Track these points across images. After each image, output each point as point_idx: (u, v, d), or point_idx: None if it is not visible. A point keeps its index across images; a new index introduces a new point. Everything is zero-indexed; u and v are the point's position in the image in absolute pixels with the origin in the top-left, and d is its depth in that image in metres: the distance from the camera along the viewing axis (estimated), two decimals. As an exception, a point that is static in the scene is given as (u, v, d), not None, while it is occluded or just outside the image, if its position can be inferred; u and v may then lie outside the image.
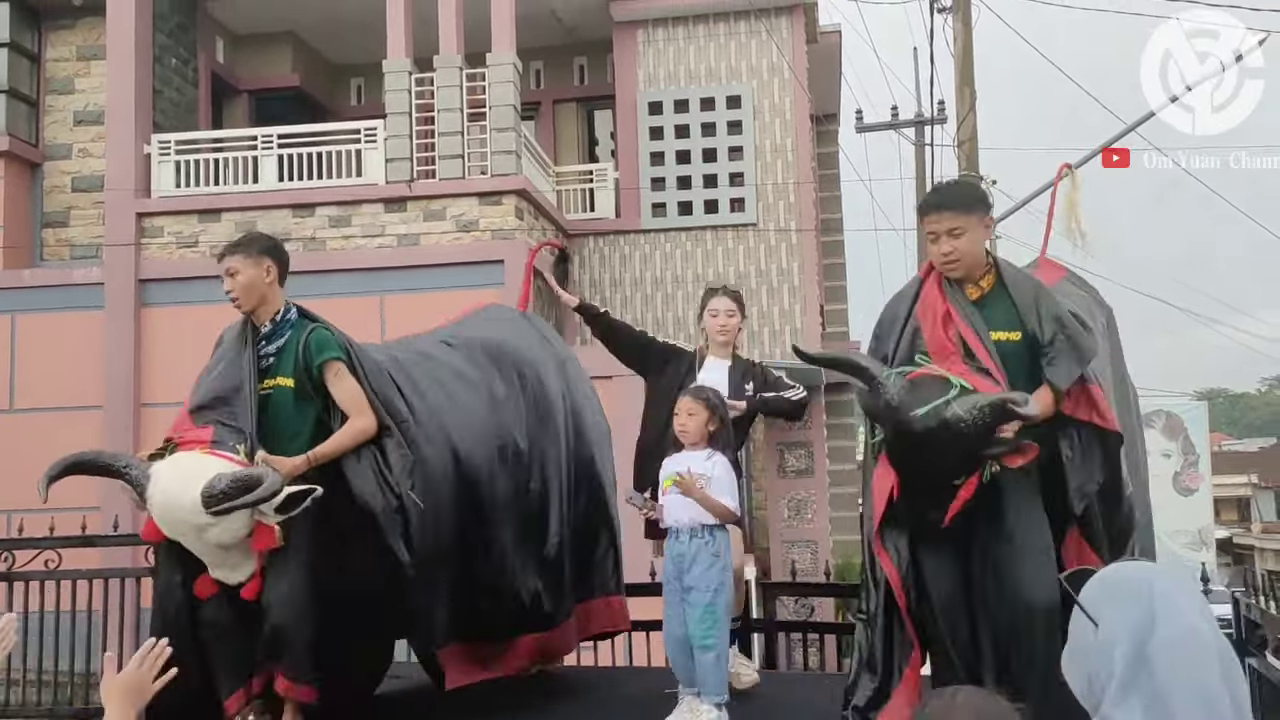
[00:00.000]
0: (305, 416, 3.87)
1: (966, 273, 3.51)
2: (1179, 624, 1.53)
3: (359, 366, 3.93)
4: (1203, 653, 1.53)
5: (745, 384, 4.64)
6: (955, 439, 3.10)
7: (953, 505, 3.22)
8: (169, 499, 3.50)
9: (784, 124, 13.56)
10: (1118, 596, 1.57)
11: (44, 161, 12.99)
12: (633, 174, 13.64)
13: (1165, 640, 1.51)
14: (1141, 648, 1.52)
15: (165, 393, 11.08)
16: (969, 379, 3.23)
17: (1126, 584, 1.58)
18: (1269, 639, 4.65)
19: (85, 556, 6.91)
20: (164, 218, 11.96)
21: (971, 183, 3.62)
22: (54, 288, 11.98)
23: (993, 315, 3.45)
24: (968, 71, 12.24)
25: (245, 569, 3.67)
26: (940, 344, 3.41)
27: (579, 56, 15.35)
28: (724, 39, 13.74)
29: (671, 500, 4.11)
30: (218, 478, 3.42)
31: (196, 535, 3.54)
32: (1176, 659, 1.51)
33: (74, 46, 13.13)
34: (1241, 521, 42.43)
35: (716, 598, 4.01)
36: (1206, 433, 21.92)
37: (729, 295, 4.79)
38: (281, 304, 3.98)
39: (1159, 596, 1.55)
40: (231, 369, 3.90)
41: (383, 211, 11.68)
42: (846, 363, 3.49)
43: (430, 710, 4.77)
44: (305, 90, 15.04)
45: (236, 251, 3.96)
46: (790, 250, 13.29)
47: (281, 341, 3.91)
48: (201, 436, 3.69)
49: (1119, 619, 1.55)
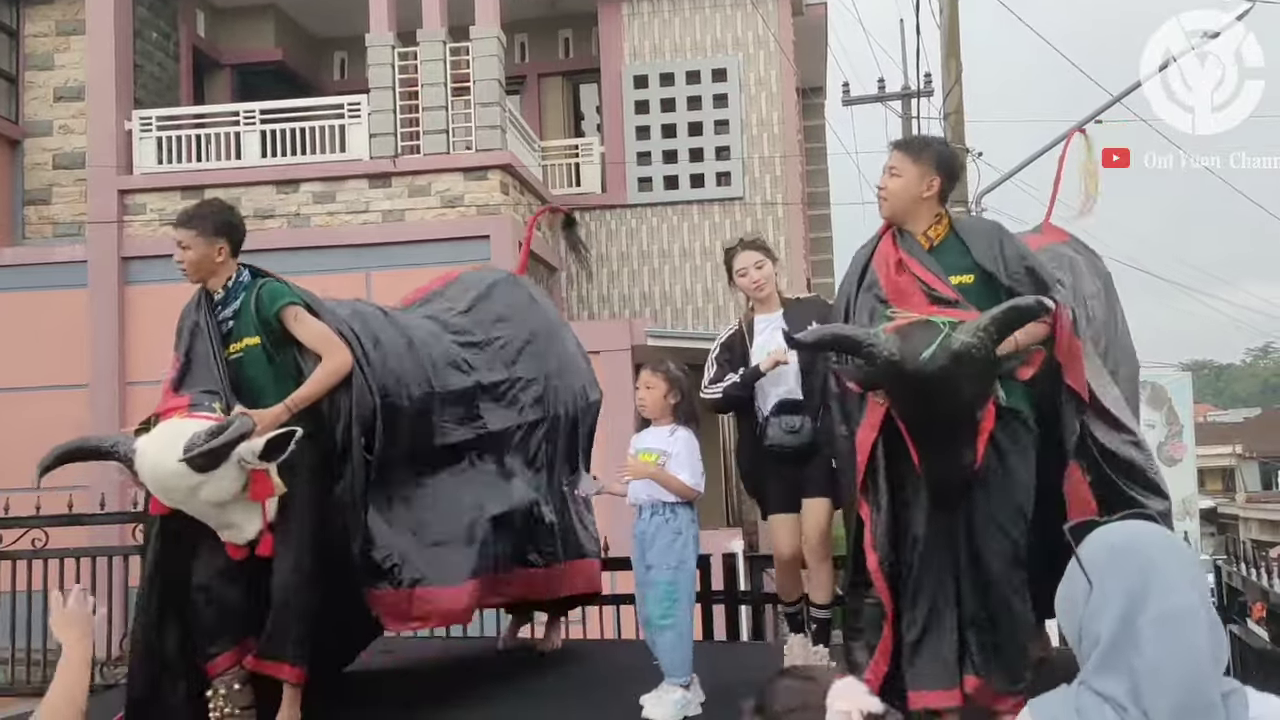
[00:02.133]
0: (282, 370, 3.85)
1: (891, 214, 3.56)
2: (1171, 601, 1.52)
3: (318, 306, 3.93)
4: (1191, 632, 1.52)
5: (809, 324, 3.93)
6: (969, 368, 3.08)
7: (980, 439, 3.20)
8: (156, 466, 3.52)
9: (770, 97, 13.52)
10: (1115, 563, 1.56)
11: (24, 138, 12.87)
12: (619, 148, 13.60)
13: (1155, 616, 1.51)
14: (1131, 621, 1.52)
15: (149, 370, 11.02)
16: (944, 314, 3.24)
17: (1125, 552, 1.58)
18: (1251, 605, 4.71)
19: (72, 535, 6.90)
20: (146, 194, 11.88)
21: (938, 140, 3.65)
22: (36, 265, 11.92)
23: (945, 260, 3.49)
24: (954, 44, 12.20)
25: (250, 527, 3.67)
26: (896, 288, 3.43)
27: (564, 30, 15.27)
28: (709, 12, 13.68)
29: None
30: (195, 435, 3.46)
31: (191, 496, 3.55)
32: (1164, 636, 1.50)
33: (53, 22, 12.99)
34: (1226, 492, 42.80)
35: (677, 575, 3.90)
36: (1191, 403, 22.04)
37: (753, 247, 4.34)
38: (234, 271, 3.95)
39: (1155, 570, 1.55)
40: (195, 341, 3.91)
41: (367, 187, 11.63)
42: (834, 339, 3.45)
43: (421, 679, 4.80)
44: (288, 64, 14.93)
45: (190, 226, 3.89)
46: (777, 224, 13.29)
47: (236, 304, 3.90)
48: (180, 404, 3.72)
49: (1114, 587, 1.55)
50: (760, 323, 4.30)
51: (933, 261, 3.46)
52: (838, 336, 3.41)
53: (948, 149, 3.77)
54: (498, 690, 4.59)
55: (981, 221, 3.70)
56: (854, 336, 3.28)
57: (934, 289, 3.38)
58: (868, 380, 3.33)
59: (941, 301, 3.33)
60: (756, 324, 4.31)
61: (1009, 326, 3.15)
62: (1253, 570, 4.80)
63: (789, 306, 4.32)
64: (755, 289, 4.30)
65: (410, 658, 5.18)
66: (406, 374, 4.19)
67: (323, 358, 3.82)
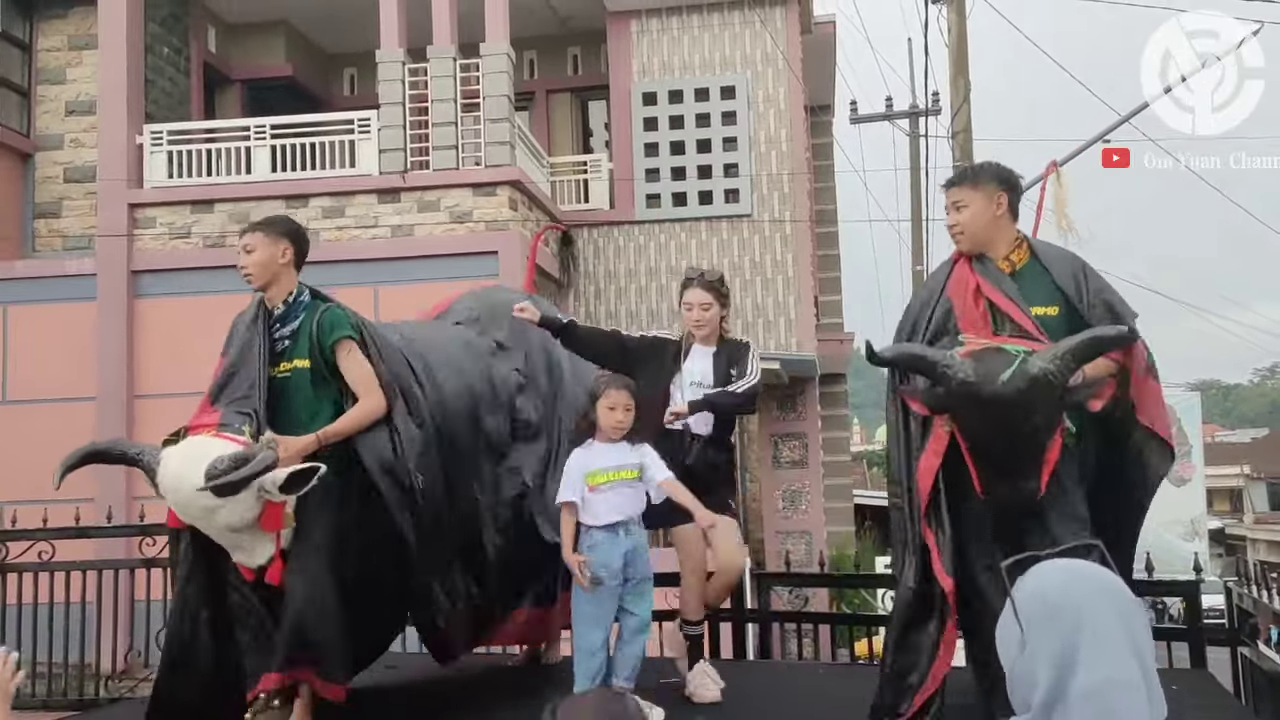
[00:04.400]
0: (323, 398, 3.87)
1: (972, 245, 3.55)
2: (1101, 674, 1.44)
3: (372, 344, 3.93)
4: (1126, 709, 1.43)
5: (731, 370, 4.42)
6: (1045, 395, 3.08)
7: (1045, 469, 3.19)
8: (177, 484, 3.52)
9: (778, 115, 13.54)
10: (1046, 621, 1.48)
11: (36, 152, 12.94)
12: (627, 165, 13.62)
13: (1084, 690, 1.43)
14: (1062, 688, 1.45)
15: (158, 384, 11.06)
16: (1016, 343, 3.24)
17: (1057, 610, 1.49)
18: (1261, 628, 4.66)
19: (79, 548, 6.90)
20: (157, 208, 11.91)
21: (994, 163, 3.65)
22: (46, 279, 11.94)
23: (1028, 289, 3.47)
24: (962, 62, 12.23)
25: (262, 553, 3.66)
26: (973, 317, 3.42)
27: (573, 46, 15.32)
28: (718, 29, 13.72)
29: (619, 494, 3.95)
30: (218, 459, 3.44)
31: (208, 516, 3.55)
32: (1095, 712, 1.43)
33: (66, 36, 13.07)
34: (1234, 512, 42.61)
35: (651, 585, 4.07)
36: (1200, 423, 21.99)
37: (704, 287, 4.50)
38: (295, 286, 3.97)
39: (1086, 633, 1.46)
40: (244, 353, 3.90)
41: (376, 202, 11.65)
42: (910, 358, 3.42)
43: (419, 696, 4.78)
44: (298, 80, 15.00)
45: (258, 229, 3.98)
46: (784, 241, 13.29)
47: (295, 324, 3.90)
48: (210, 421, 3.71)
49: (1044, 648, 1.47)
50: (697, 351, 4.52)
51: (1014, 289, 3.45)
52: (914, 356, 3.40)
53: (998, 164, 3.76)
54: (499, 704, 4.57)
55: (1061, 250, 3.68)
56: (929, 357, 3.28)
57: (1013, 317, 3.36)
58: (937, 404, 3.31)
59: (1019, 334, 3.32)
60: (694, 350, 4.52)
61: (1088, 356, 3.14)
62: (1264, 591, 4.76)
63: (722, 346, 4.54)
64: (695, 326, 4.51)
65: (415, 673, 5.16)
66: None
67: (359, 398, 3.84)
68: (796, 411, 14.64)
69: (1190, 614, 4.90)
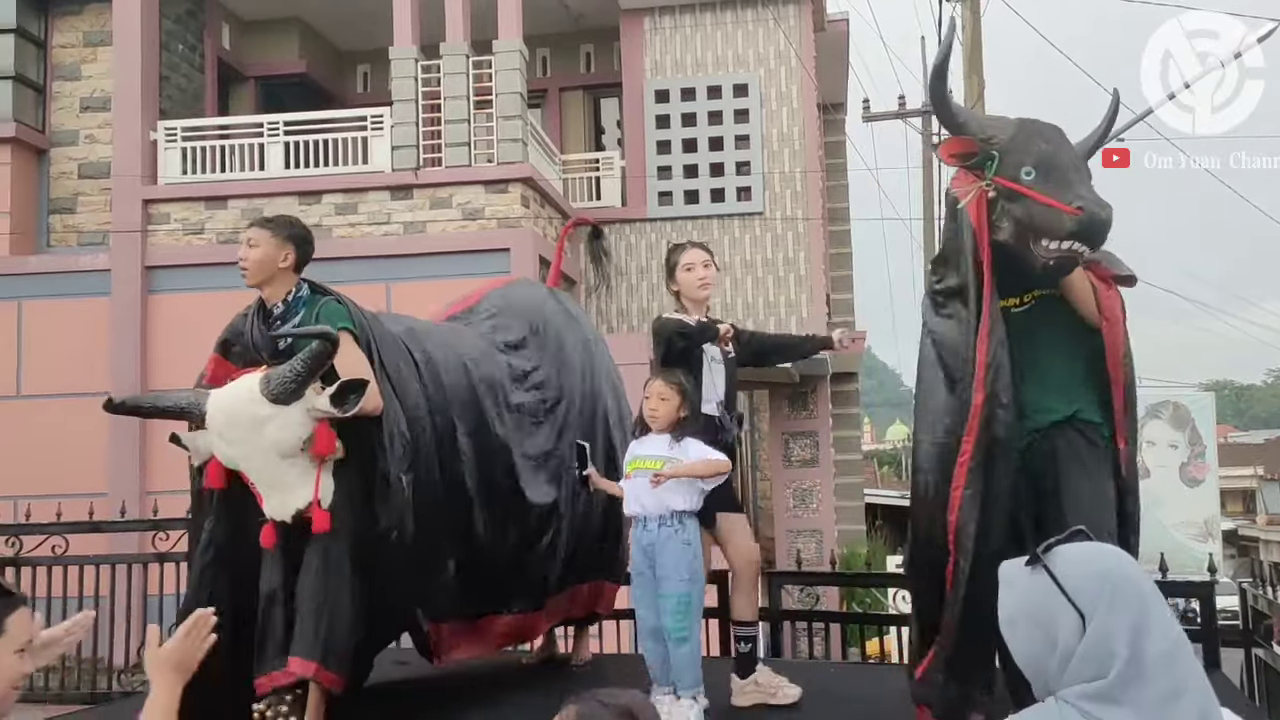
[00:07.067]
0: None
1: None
2: (1174, 630, 1.55)
3: (370, 337, 3.90)
4: (1193, 660, 1.56)
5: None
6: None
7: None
8: (227, 400, 3.52)
9: (791, 113, 13.52)
10: (1117, 599, 1.55)
11: (50, 148, 12.99)
12: (639, 162, 13.62)
13: (1163, 649, 1.52)
14: (1140, 654, 1.51)
15: (171, 379, 11.08)
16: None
17: (1123, 585, 1.57)
18: (1276, 629, 4.65)
19: (92, 542, 6.94)
20: (170, 204, 11.96)
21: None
22: (61, 274, 12.00)
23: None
24: (976, 60, 12.20)
25: (302, 493, 3.60)
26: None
27: (586, 44, 15.33)
28: (731, 27, 13.70)
29: (637, 485, 3.95)
30: (273, 371, 3.49)
31: (255, 434, 3.49)
32: (1174, 668, 1.52)
33: (81, 32, 13.12)
34: (1247, 513, 42.37)
35: (691, 587, 3.87)
36: (1213, 423, 21.84)
37: (702, 247, 4.47)
38: (293, 286, 3.95)
39: (1150, 600, 1.57)
40: (244, 353, 3.91)
41: (389, 199, 11.67)
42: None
43: (416, 695, 4.78)
44: (311, 77, 15.04)
45: (266, 226, 3.94)
46: (797, 239, 13.27)
47: (296, 320, 3.88)
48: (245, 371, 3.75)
49: (1118, 621, 1.53)
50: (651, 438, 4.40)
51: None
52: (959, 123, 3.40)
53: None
54: (509, 703, 4.57)
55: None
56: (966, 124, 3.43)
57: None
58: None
59: None
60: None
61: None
62: (1278, 593, 4.73)
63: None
64: (701, 285, 4.38)
65: (424, 670, 5.16)
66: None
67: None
68: (808, 410, 14.64)
69: (1205, 615, 4.88)
